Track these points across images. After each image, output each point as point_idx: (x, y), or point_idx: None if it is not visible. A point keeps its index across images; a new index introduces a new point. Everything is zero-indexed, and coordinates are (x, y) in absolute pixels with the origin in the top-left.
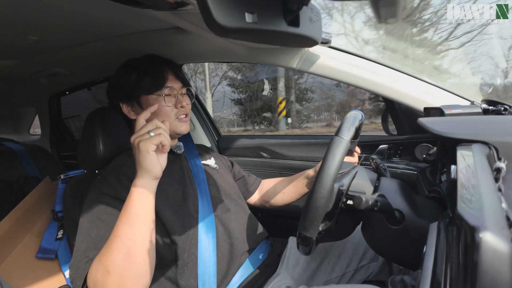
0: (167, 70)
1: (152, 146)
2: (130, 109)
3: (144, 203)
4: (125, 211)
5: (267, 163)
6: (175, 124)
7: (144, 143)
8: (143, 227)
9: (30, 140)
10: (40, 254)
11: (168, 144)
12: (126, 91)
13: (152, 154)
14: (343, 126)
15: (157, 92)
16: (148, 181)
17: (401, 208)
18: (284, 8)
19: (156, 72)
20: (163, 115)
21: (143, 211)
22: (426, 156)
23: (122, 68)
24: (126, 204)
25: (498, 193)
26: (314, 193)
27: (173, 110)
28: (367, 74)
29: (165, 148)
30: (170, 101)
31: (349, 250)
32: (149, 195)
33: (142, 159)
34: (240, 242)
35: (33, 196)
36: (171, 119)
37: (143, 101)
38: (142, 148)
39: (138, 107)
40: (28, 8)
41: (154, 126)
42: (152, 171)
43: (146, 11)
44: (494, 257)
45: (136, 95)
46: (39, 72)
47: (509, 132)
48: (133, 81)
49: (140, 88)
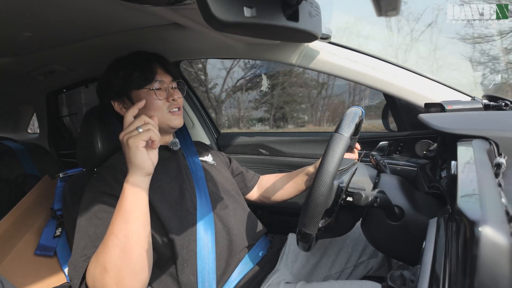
0: (155, 64)
1: (141, 142)
2: (122, 106)
3: (137, 200)
4: (119, 209)
5: (266, 160)
6: (168, 118)
7: (133, 140)
8: (137, 223)
9: (29, 138)
10: (38, 251)
11: (157, 139)
12: (116, 88)
13: (142, 150)
14: (343, 122)
15: (147, 86)
16: (140, 177)
17: (401, 204)
18: (283, 3)
19: (145, 67)
20: (154, 109)
21: (137, 207)
22: (426, 152)
23: (110, 66)
24: (119, 202)
25: (498, 188)
26: (313, 190)
27: (165, 104)
28: (367, 70)
29: (154, 143)
30: (161, 95)
31: (348, 246)
32: (141, 191)
33: (132, 156)
34: (239, 238)
35: (33, 194)
36: (164, 112)
37: (134, 97)
38: (131, 145)
39: (130, 103)
40: (25, 4)
41: (142, 122)
42: (143, 168)
43: (144, 6)
44: (494, 251)
45: (127, 91)
46: (37, 70)
47: (510, 127)
48: (122, 77)
49: (130, 84)
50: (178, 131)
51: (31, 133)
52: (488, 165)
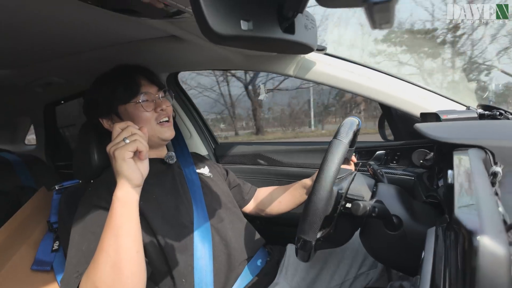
0: (139, 77)
1: (128, 153)
2: (111, 123)
3: (126, 213)
4: (109, 223)
5: (264, 170)
6: (158, 130)
7: (119, 151)
8: (128, 238)
9: (26, 150)
10: (35, 266)
11: (145, 149)
12: (102, 105)
13: (129, 162)
14: (341, 129)
15: (133, 100)
16: (128, 189)
17: (399, 214)
18: (280, 16)
19: (129, 80)
20: (143, 121)
21: (126, 221)
22: (423, 162)
23: (93, 84)
24: (109, 216)
25: (495, 197)
26: (313, 195)
27: (153, 115)
28: (363, 80)
29: (142, 154)
30: (149, 106)
31: (348, 258)
32: (131, 204)
33: (119, 168)
34: (238, 251)
35: (29, 206)
36: (153, 125)
37: (121, 112)
38: (117, 156)
39: (118, 119)
40: (23, 17)
41: (129, 133)
42: (131, 179)
43: (142, 19)
44: (492, 261)
45: (114, 107)
46: (35, 81)
47: (505, 136)
48: (107, 94)
49: (115, 100)
50: (175, 142)
51: (28, 145)
52: (484, 174)
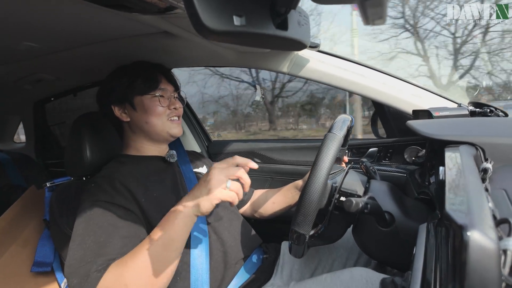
0: (159, 74)
1: (220, 200)
2: (122, 111)
3: (183, 231)
4: (162, 233)
5: (258, 168)
6: (168, 125)
7: (216, 192)
8: (175, 254)
9: (15, 148)
10: (35, 268)
11: (235, 203)
12: (118, 93)
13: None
14: (335, 124)
15: (151, 93)
16: (194, 213)
17: (391, 210)
18: (272, 12)
19: (150, 75)
20: (156, 114)
21: (180, 239)
22: (415, 159)
23: (113, 73)
24: (164, 225)
25: (485, 193)
26: (308, 187)
27: (165, 111)
28: (356, 78)
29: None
30: (164, 102)
31: (342, 256)
32: (190, 225)
33: (204, 200)
34: (234, 250)
35: (19, 205)
36: (164, 120)
37: (137, 103)
38: (211, 194)
39: (131, 108)
40: (12, 13)
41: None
42: (201, 211)
43: (133, 15)
44: (482, 255)
45: (129, 97)
46: (24, 78)
47: (495, 133)
48: (126, 83)
49: (133, 90)
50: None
51: (17, 143)
52: (475, 170)
